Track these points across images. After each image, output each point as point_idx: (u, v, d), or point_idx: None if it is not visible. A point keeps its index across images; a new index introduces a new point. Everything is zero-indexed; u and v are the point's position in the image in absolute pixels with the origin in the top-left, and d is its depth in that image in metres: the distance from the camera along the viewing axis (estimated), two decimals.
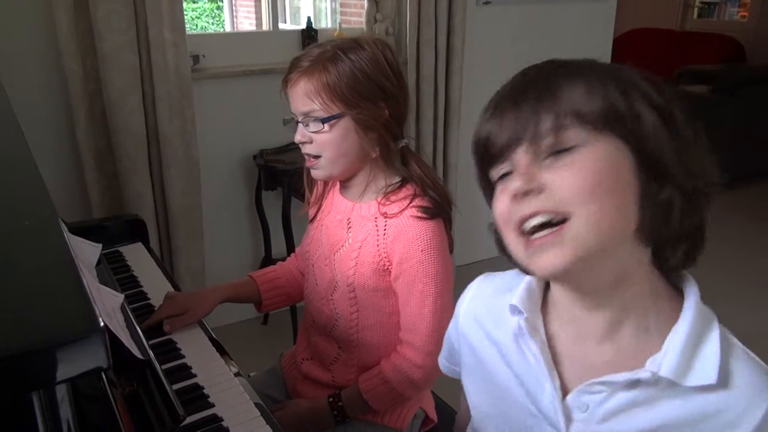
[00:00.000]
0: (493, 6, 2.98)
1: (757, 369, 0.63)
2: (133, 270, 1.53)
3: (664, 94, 0.64)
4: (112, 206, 2.33)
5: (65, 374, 0.29)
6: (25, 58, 2.16)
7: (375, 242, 1.16)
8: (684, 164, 0.63)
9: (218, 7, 9.28)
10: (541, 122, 0.62)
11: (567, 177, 0.60)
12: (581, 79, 0.64)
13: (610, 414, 0.65)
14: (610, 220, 0.60)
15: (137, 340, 1.00)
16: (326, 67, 1.11)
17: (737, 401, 0.61)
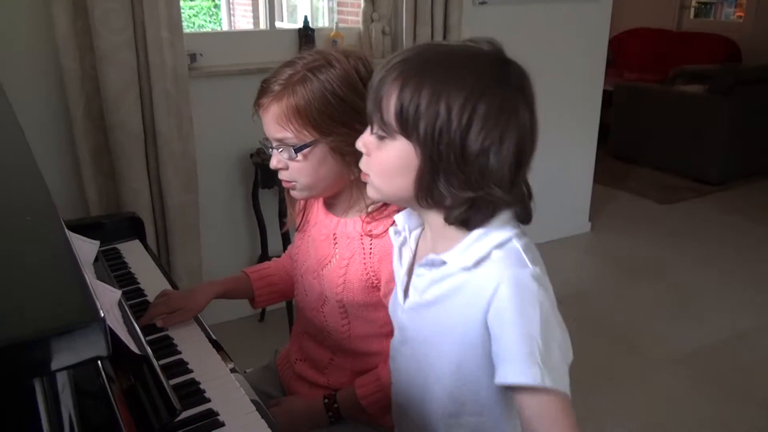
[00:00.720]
0: (489, 6, 3.00)
1: (506, 262, 0.83)
2: (130, 267, 1.54)
3: (461, 119, 0.80)
4: (110, 204, 2.34)
5: (67, 362, 0.31)
6: (23, 56, 2.17)
7: (362, 260, 1.15)
8: (443, 169, 0.82)
9: (215, 5, 9.29)
10: (373, 112, 0.86)
11: (374, 156, 0.88)
12: (394, 88, 0.82)
13: (427, 286, 0.92)
14: (389, 188, 0.89)
15: (134, 335, 1.01)
16: (295, 90, 1.06)
17: (481, 275, 0.84)
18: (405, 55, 0.84)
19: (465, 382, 0.90)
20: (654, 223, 4.00)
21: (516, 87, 0.84)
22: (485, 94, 0.80)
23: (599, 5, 3.37)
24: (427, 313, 0.92)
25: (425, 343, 0.94)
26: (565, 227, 3.72)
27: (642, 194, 4.45)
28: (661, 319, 2.88)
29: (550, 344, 0.80)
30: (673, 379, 2.44)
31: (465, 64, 0.82)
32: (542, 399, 0.79)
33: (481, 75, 0.81)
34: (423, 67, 0.82)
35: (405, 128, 0.82)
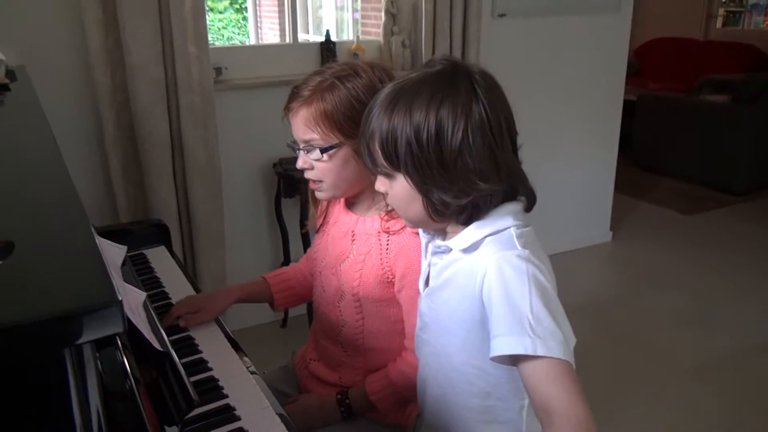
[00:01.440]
0: (507, 18, 3.05)
1: (497, 245, 0.91)
2: (156, 272, 1.61)
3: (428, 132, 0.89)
4: (138, 212, 2.43)
5: (92, 336, 0.37)
6: (58, 71, 2.27)
7: (378, 256, 1.21)
8: (436, 186, 0.91)
9: (244, 18, 9.46)
10: (370, 159, 0.99)
11: (390, 194, 0.99)
12: (374, 137, 0.94)
13: (438, 273, 1.02)
14: (411, 217, 0.99)
15: (157, 334, 1.08)
16: (324, 96, 1.14)
17: (475, 260, 0.93)
18: (377, 101, 0.96)
19: (470, 360, 0.97)
20: (676, 233, 3.99)
21: (465, 90, 0.90)
22: (440, 107, 0.89)
23: (619, 17, 3.39)
24: (438, 297, 1.01)
25: (438, 325, 1.02)
26: (586, 237, 3.73)
27: (665, 204, 4.44)
28: (682, 329, 2.88)
29: (540, 315, 0.84)
30: (694, 388, 2.45)
31: (417, 90, 0.92)
32: (540, 366, 0.83)
33: (432, 93, 0.90)
34: (386, 109, 0.93)
35: (392, 163, 0.93)
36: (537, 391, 0.83)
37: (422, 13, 2.75)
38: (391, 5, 2.83)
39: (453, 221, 0.97)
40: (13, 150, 0.86)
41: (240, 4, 9.58)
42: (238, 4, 9.73)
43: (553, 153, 3.40)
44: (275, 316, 2.90)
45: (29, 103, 1.12)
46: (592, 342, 2.76)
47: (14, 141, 0.91)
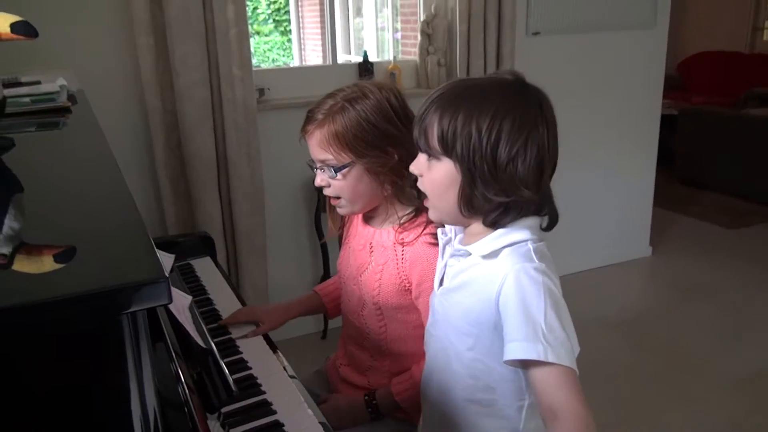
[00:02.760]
0: (542, 36, 3.10)
1: (516, 257, 0.97)
2: (201, 280, 1.71)
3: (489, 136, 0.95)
4: (186, 225, 2.55)
5: (145, 305, 0.48)
6: (113, 95, 2.42)
7: (395, 266, 1.29)
8: (479, 178, 0.97)
9: (288, 40, 9.72)
10: (420, 140, 1.02)
11: (426, 178, 1.04)
12: (435, 119, 0.98)
13: (455, 275, 1.07)
14: (443, 204, 1.03)
15: (201, 333, 1.18)
16: (335, 118, 1.21)
17: (493, 268, 0.98)
18: (441, 92, 1.01)
19: (479, 357, 1.03)
20: (718, 248, 3.94)
21: (534, 106, 0.98)
22: (508, 114, 0.95)
23: (654, 32, 3.40)
24: (453, 298, 1.07)
25: (449, 323, 1.08)
26: (625, 252, 3.73)
27: (707, 218, 4.39)
28: (723, 343, 2.86)
29: (552, 325, 0.91)
30: (734, 402, 2.43)
31: (489, 92, 0.98)
32: (549, 372, 0.90)
33: (503, 99, 0.97)
34: (456, 99, 0.98)
35: (446, 149, 0.98)
36: (545, 394, 0.91)
37: (457, 34, 2.83)
38: (427, 26, 2.92)
39: (479, 219, 1.02)
40: (78, 164, 0.98)
41: (285, 27, 9.86)
42: (283, 27, 10.01)
43: (591, 168, 3.42)
44: (316, 327, 2.99)
45: (90, 124, 1.24)
46: (632, 356, 2.77)
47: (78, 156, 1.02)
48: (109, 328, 0.50)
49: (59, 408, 0.53)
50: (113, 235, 0.64)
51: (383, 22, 5.95)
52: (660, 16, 3.39)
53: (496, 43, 2.89)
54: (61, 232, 0.65)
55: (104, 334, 0.50)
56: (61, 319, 0.49)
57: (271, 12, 10.16)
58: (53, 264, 0.57)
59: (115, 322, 0.49)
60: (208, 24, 2.36)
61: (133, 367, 0.51)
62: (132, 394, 0.54)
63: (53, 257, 0.58)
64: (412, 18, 4.04)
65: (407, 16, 4.38)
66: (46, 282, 0.52)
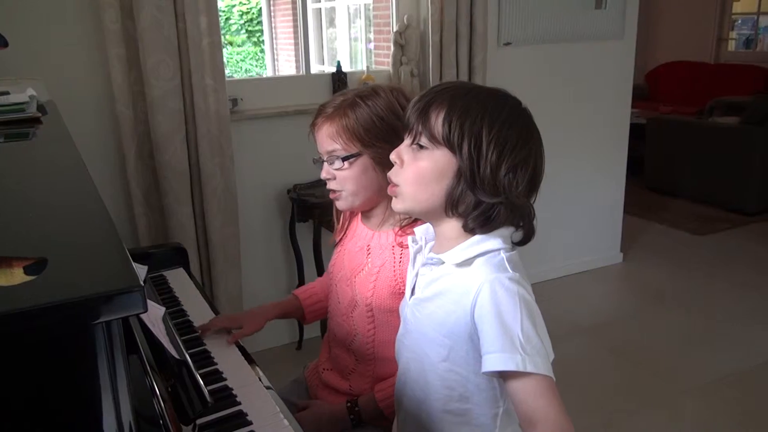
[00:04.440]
0: (513, 47, 3.15)
1: (490, 267, 0.98)
2: (174, 291, 1.69)
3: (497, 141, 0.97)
4: (158, 236, 2.53)
5: (119, 314, 0.47)
6: (85, 106, 2.40)
7: (392, 268, 1.30)
8: (478, 178, 0.97)
9: (261, 50, 9.71)
10: (416, 126, 1.01)
11: (410, 165, 1.02)
12: (443, 108, 0.99)
13: (427, 284, 1.07)
14: (420, 195, 1.02)
15: (175, 345, 1.17)
16: (346, 112, 1.27)
17: (467, 278, 0.99)
18: (449, 85, 1.03)
19: (454, 368, 1.03)
20: (688, 254, 4.02)
21: (532, 125, 1.03)
22: (515, 123, 0.99)
23: (623, 43, 3.47)
24: (426, 308, 1.06)
25: (422, 334, 1.07)
26: (597, 258, 3.78)
27: (676, 225, 4.48)
28: (693, 348, 2.91)
29: (528, 335, 0.92)
30: (704, 406, 2.48)
31: (499, 99, 1.02)
32: (528, 382, 0.91)
33: (512, 109, 1.01)
34: (468, 95, 1.00)
35: (450, 142, 0.98)
36: (524, 403, 0.92)
37: (429, 44, 2.86)
38: (400, 36, 2.94)
39: (456, 222, 1.02)
40: (49, 174, 0.97)
41: (258, 37, 9.85)
42: (255, 38, 10.00)
43: (561, 177, 3.47)
44: (291, 337, 2.98)
45: (60, 135, 1.23)
46: (602, 361, 2.80)
47: (49, 167, 1.01)
48: (84, 338, 0.49)
49: (32, 421, 0.53)
50: (86, 244, 0.64)
51: (356, 33, 5.98)
52: (628, 28, 3.46)
53: (468, 54, 2.92)
54: (32, 243, 0.65)
55: (78, 345, 0.50)
56: (33, 330, 0.48)
57: (244, 22, 10.15)
58: (23, 276, 0.57)
59: (89, 333, 0.49)
60: (181, 34, 2.35)
61: (108, 379, 0.51)
62: (107, 406, 0.53)
63: (23, 269, 0.58)
64: (385, 28, 4.07)
65: (380, 27, 4.42)
66: (18, 292, 0.51)
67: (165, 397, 0.90)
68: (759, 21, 6.70)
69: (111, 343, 0.50)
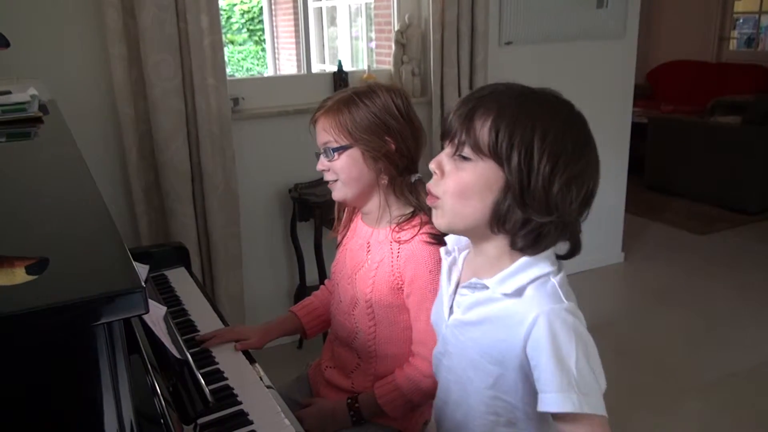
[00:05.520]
0: (514, 46, 3.15)
1: (544, 296, 0.91)
2: (176, 291, 1.70)
3: (552, 152, 0.88)
4: (159, 235, 2.53)
5: (121, 314, 0.47)
6: (86, 105, 2.40)
7: (390, 264, 1.32)
8: (528, 194, 0.89)
9: (262, 50, 9.71)
10: (459, 134, 0.92)
11: (451, 176, 0.93)
12: (489, 115, 0.90)
13: (470, 306, 1.00)
14: (463, 210, 0.94)
15: (177, 344, 1.17)
16: (340, 108, 1.31)
17: (521, 307, 0.92)
18: (495, 88, 0.94)
19: (501, 396, 0.98)
20: (689, 253, 4.02)
21: (588, 133, 0.95)
22: (571, 133, 0.91)
23: (624, 42, 3.47)
24: (469, 332, 1.00)
25: (465, 358, 1.02)
26: (598, 258, 3.77)
27: (678, 225, 4.47)
28: (694, 347, 2.91)
29: (584, 372, 0.88)
30: (706, 405, 2.47)
31: (553, 103, 0.93)
32: (583, 423, 0.88)
33: (566, 117, 0.92)
34: (516, 101, 0.91)
35: (497, 153, 0.89)
36: None
37: (431, 43, 2.86)
38: (401, 36, 2.94)
39: (503, 239, 0.94)
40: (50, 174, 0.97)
41: (259, 36, 9.85)
42: (257, 37, 10.00)
43: None
44: (291, 337, 2.98)
45: (62, 134, 1.23)
46: (605, 361, 2.79)
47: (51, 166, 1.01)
48: (85, 339, 0.50)
49: (34, 421, 0.53)
50: (88, 244, 0.64)
51: (357, 32, 5.98)
52: (629, 27, 3.45)
53: (469, 53, 2.92)
54: (34, 243, 0.65)
55: (80, 346, 0.50)
56: (35, 331, 0.48)
57: (245, 21, 10.15)
58: (25, 276, 0.57)
59: (91, 333, 0.49)
60: (182, 33, 2.35)
61: (110, 379, 0.51)
62: (108, 406, 0.54)
63: (25, 269, 0.58)
64: (386, 27, 4.07)
65: (381, 26, 4.42)
66: (20, 293, 0.51)
67: (166, 397, 0.90)
68: (761, 20, 6.69)
69: (112, 344, 0.50)
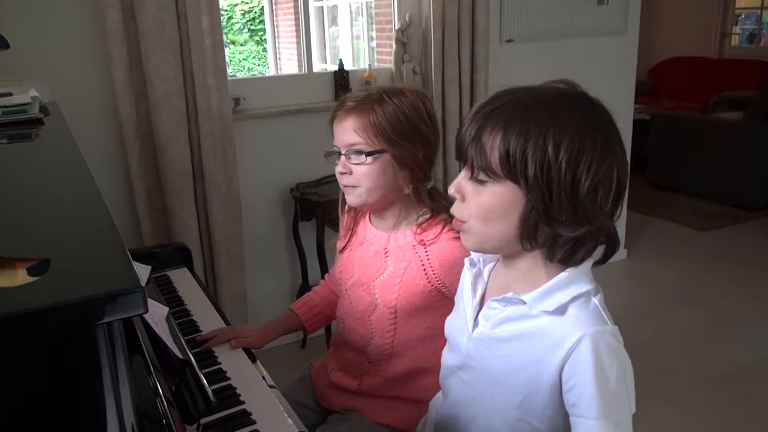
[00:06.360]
0: (515, 43, 3.15)
1: (588, 317, 0.88)
2: (178, 291, 1.70)
3: (570, 157, 0.83)
4: (161, 236, 2.53)
5: (121, 315, 0.47)
6: (86, 106, 2.40)
7: (421, 268, 1.28)
8: (553, 209, 0.84)
9: (264, 49, 9.71)
10: (471, 157, 0.88)
11: (472, 200, 0.90)
12: (497, 132, 0.85)
13: (500, 322, 0.95)
14: (490, 232, 0.90)
15: (179, 344, 1.17)
16: (373, 107, 1.25)
17: (562, 327, 0.87)
18: (497, 104, 0.87)
19: (525, 418, 0.95)
20: (691, 250, 4.01)
21: (610, 125, 0.88)
22: (589, 132, 0.83)
23: (625, 39, 3.46)
24: (497, 348, 0.95)
25: (489, 376, 0.97)
26: (600, 254, 3.76)
27: (680, 221, 4.46)
28: (698, 343, 2.91)
29: (621, 399, 0.87)
30: (709, 401, 2.47)
31: (562, 105, 0.86)
32: None
33: (582, 115, 0.85)
34: (522, 112, 0.85)
35: (512, 172, 0.84)
36: None
37: (431, 42, 2.85)
38: (402, 34, 2.94)
39: (538, 253, 0.90)
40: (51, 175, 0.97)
41: (260, 36, 9.85)
42: (258, 37, 10.00)
43: None
44: (295, 337, 2.98)
45: (62, 136, 1.23)
46: None
47: (51, 167, 1.02)
48: (85, 339, 0.50)
49: (34, 423, 0.53)
50: (87, 245, 0.64)
51: (358, 31, 5.97)
52: (630, 23, 3.45)
53: (470, 51, 2.91)
54: (33, 243, 0.65)
55: (80, 346, 0.50)
56: (34, 331, 0.48)
57: (246, 21, 10.16)
58: (26, 277, 0.57)
59: (90, 334, 0.49)
60: (183, 34, 2.35)
61: (110, 380, 0.51)
62: (109, 406, 0.54)
63: (27, 270, 0.58)
64: (387, 26, 4.06)
65: (382, 25, 4.42)
66: (18, 293, 0.52)
67: (169, 398, 0.90)
68: (762, 15, 6.68)
69: (112, 344, 0.50)
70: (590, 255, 0.89)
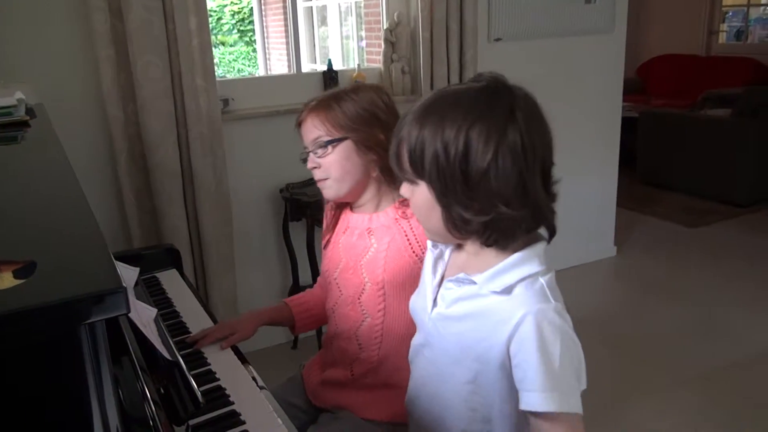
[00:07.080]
0: (503, 42, 3.15)
1: (533, 296, 0.92)
2: (167, 293, 1.69)
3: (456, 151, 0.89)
4: (151, 238, 2.53)
5: (103, 315, 0.48)
6: (74, 107, 2.39)
7: (404, 239, 1.33)
8: (461, 198, 0.91)
9: (253, 50, 9.69)
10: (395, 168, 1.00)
11: (411, 200, 0.99)
12: (405, 142, 0.94)
13: (454, 301, 1.00)
14: (431, 227, 0.99)
15: (167, 346, 1.17)
16: (331, 104, 1.32)
17: (508, 305, 0.92)
18: (415, 112, 0.95)
19: (479, 392, 0.99)
20: (681, 246, 4.04)
21: (504, 111, 0.89)
22: (474, 124, 0.88)
23: (613, 37, 3.48)
24: (452, 327, 1.00)
25: (446, 353, 1.02)
26: (590, 252, 3.79)
27: (669, 218, 4.49)
28: (687, 339, 2.92)
29: (567, 372, 0.89)
30: (698, 397, 2.49)
31: (455, 102, 0.91)
32: (561, 422, 0.90)
33: (469, 108, 0.89)
34: (421, 116, 0.93)
35: (418, 171, 0.93)
36: None
37: (420, 41, 2.86)
38: (390, 34, 2.94)
39: (474, 239, 0.96)
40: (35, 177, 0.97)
41: (249, 37, 9.83)
42: (247, 37, 9.98)
43: (555, 171, 3.46)
44: (286, 337, 2.98)
45: (48, 138, 1.23)
46: (598, 354, 2.81)
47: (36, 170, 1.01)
48: (67, 340, 0.50)
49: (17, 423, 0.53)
50: (70, 246, 0.64)
51: (348, 31, 5.98)
52: (618, 21, 3.46)
53: (458, 50, 2.92)
54: (16, 245, 0.65)
55: (62, 348, 0.50)
56: (15, 333, 0.48)
57: (236, 22, 10.13)
58: (12, 281, 0.57)
59: (72, 335, 0.49)
60: (170, 35, 2.34)
61: (93, 380, 0.51)
62: (93, 408, 0.54)
63: (12, 273, 0.58)
64: (376, 26, 4.07)
65: (371, 25, 4.42)
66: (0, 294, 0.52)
67: (156, 400, 0.90)
68: (749, 13, 6.72)
69: (95, 345, 0.50)
70: (524, 234, 0.95)
